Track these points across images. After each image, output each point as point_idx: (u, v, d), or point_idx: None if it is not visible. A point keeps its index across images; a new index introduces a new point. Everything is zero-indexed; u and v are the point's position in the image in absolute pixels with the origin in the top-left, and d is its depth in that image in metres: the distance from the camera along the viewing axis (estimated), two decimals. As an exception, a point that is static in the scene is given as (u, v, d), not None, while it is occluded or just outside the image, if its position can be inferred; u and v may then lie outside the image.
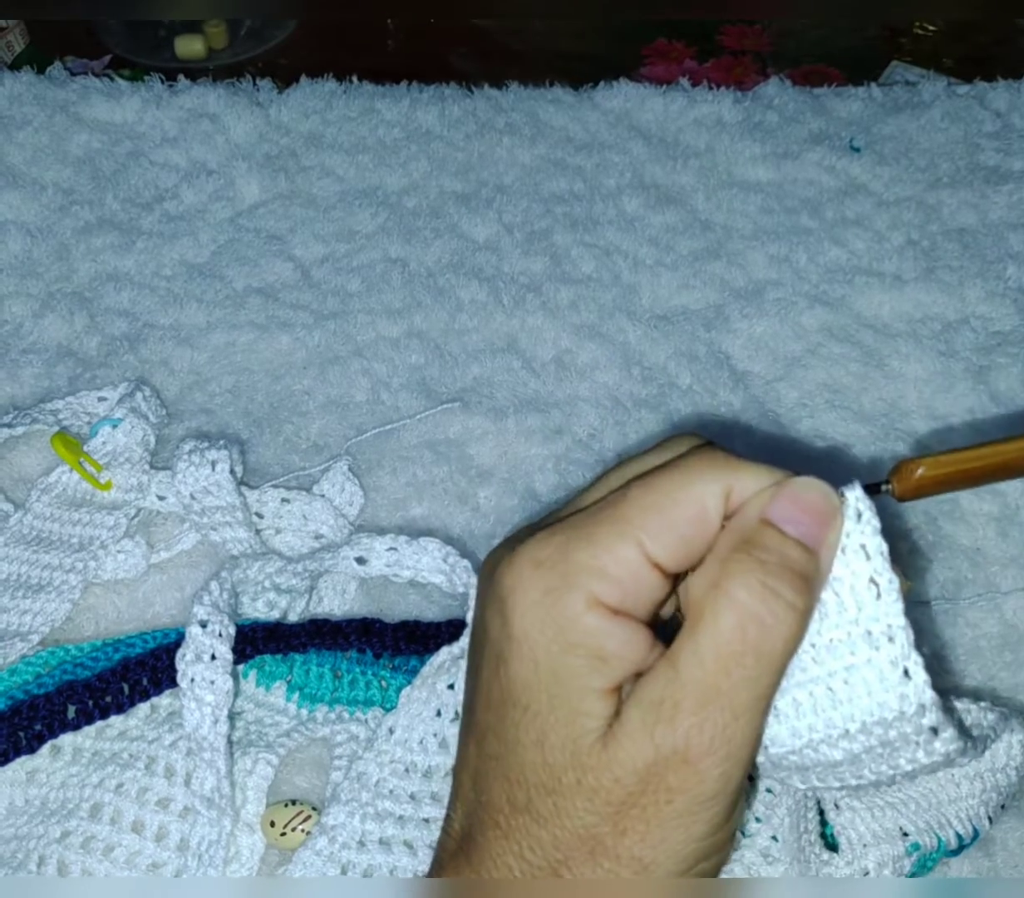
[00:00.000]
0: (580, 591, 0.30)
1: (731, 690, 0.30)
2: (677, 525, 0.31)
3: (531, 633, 0.31)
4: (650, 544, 0.31)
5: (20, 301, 0.66)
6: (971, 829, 0.42)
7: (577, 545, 0.31)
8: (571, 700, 0.31)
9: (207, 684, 0.45)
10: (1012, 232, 0.69)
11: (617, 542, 0.31)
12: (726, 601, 0.30)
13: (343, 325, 0.65)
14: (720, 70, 0.82)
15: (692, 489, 0.31)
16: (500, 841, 0.32)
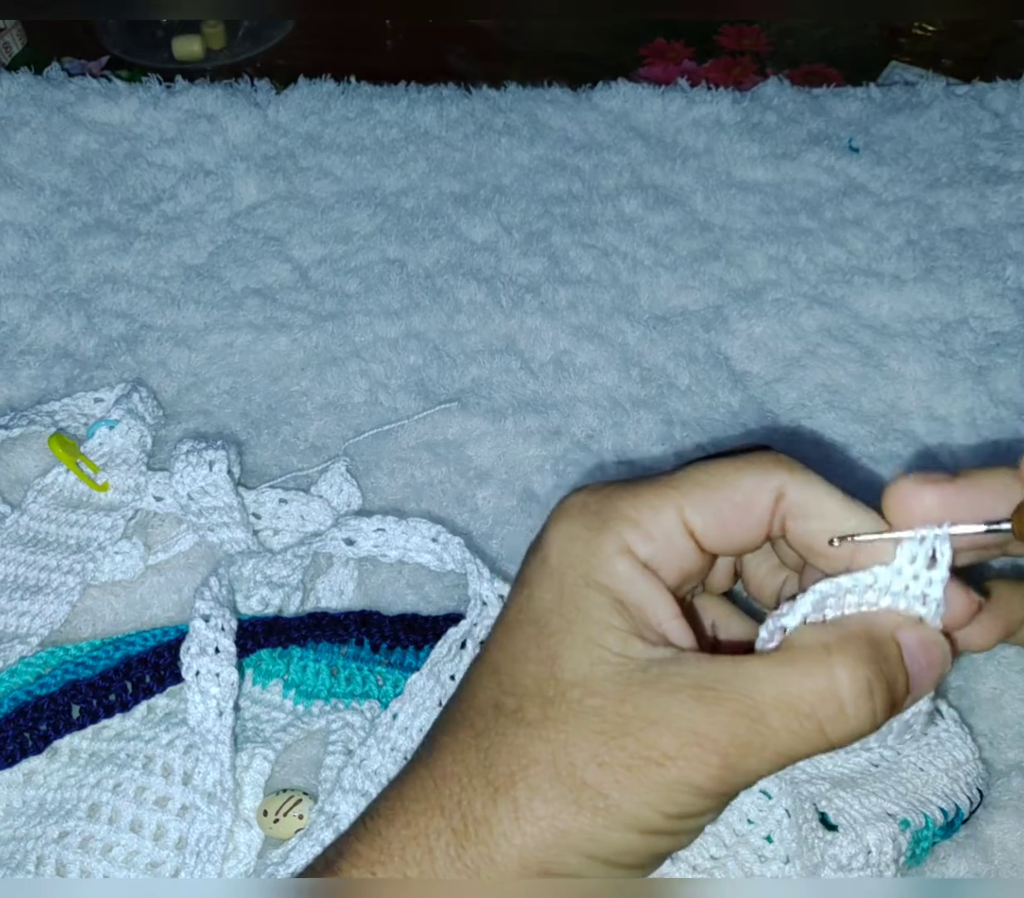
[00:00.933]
0: (614, 535, 0.32)
1: (776, 731, 0.30)
2: (720, 505, 0.33)
3: (562, 563, 0.32)
4: (690, 512, 0.33)
5: (17, 302, 0.65)
6: (952, 805, 0.44)
7: (622, 496, 0.33)
8: (591, 630, 0.32)
9: (212, 677, 0.45)
10: (1011, 232, 0.69)
11: (658, 501, 0.33)
12: (826, 669, 0.31)
13: (341, 326, 0.65)
14: (719, 70, 0.82)
15: (743, 476, 0.33)
16: (468, 739, 0.32)
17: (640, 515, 0.33)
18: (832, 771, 0.43)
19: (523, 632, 0.33)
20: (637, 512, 0.33)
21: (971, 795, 0.45)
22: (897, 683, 0.32)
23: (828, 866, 0.42)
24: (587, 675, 0.31)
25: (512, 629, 0.33)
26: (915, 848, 0.43)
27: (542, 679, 0.32)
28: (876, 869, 0.42)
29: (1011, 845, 0.46)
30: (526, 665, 0.32)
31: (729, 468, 0.33)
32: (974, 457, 0.59)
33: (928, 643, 0.32)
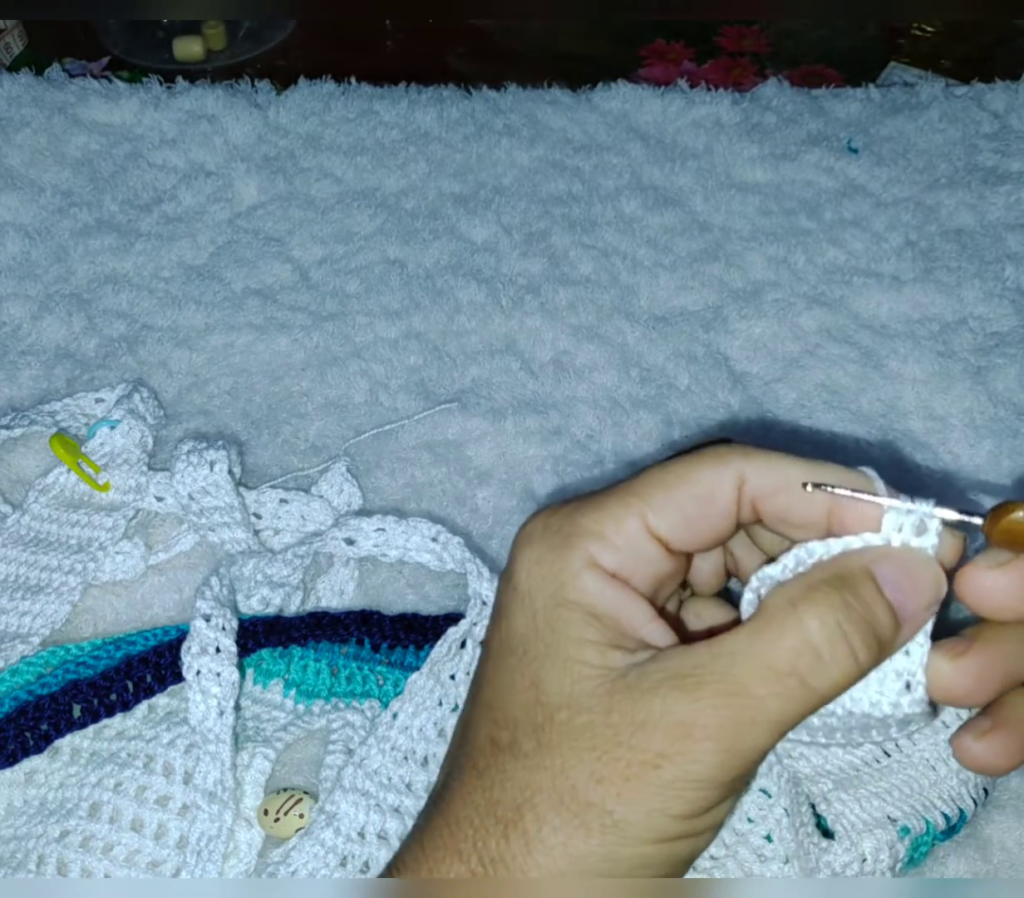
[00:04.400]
0: (579, 551, 0.32)
1: (762, 698, 0.30)
2: (682, 502, 0.32)
3: (532, 587, 0.32)
4: (652, 516, 0.32)
5: (18, 303, 0.66)
6: (956, 810, 0.43)
7: (584, 511, 0.33)
8: (568, 648, 0.31)
9: (213, 676, 0.45)
10: (1010, 233, 0.69)
11: (620, 510, 0.32)
12: (795, 623, 0.30)
13: (341, 326, 0.65)
14: (718, 71, 0.82)
15: (700, 470, 0.33)
16: (473, 781, 0.32)
17: (602, 527, 0.32)
18: (841, 760, 0.43)
19: (506, 663, 0.32)
20: (599, 525, 0.32)
21: (977, 796, 0.44)
22: (876, 618, 0.31)
23: (823, 872, 0.42)
24: (570, 694, 0.31)
25: (496, 662, 0.33)
26: (913, 853, 0.43)
27: (529, 707, 0.31)
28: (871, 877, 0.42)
29: (1010, 844, 0.46)
30: (513, 696, 0.32)
31: (685, 464, 0.33)
32: (973, 457, 0.59)
33: (911, 568, 0.32)
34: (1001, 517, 0.32)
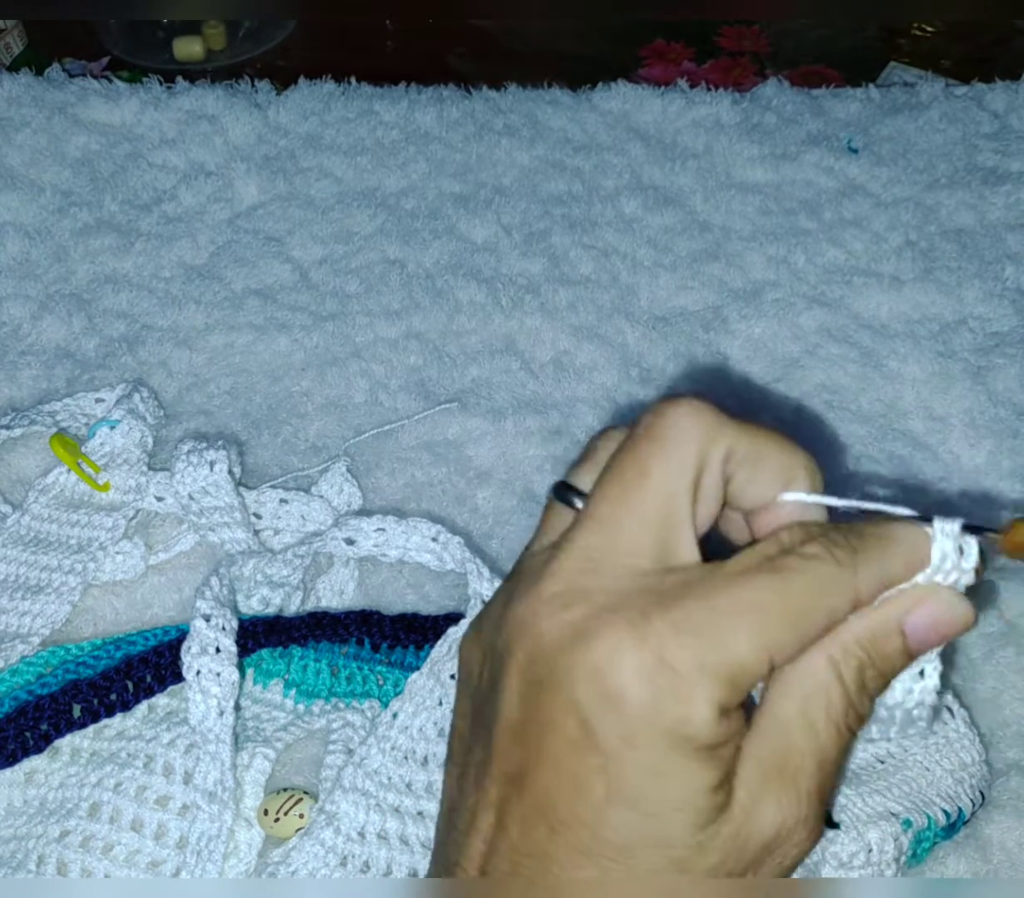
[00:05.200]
0: (711, 697, 0.29)
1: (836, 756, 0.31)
2: (808, 638, 0.31)
3: (654, 734, 0.29)
4: (780, 657, 0.30)
5: (18, 303, 0.66)
6: (955, 807, 0.44)
7: (712, 650, 0.29)
8: (695, 801, 0.30)
9: (213, 676, 0.45)
10: (1010, 233, 0.69)
11: (752, 656, 0.30)
12: (836, 680, 0.31)
13: (341, 326, 0.65)
14: (718, 71, 0.82)
15: (825, 603, 0.31)
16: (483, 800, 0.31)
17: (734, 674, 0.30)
18: None
19: (620, 817, 0.30)
20: (730, 671, 0.30)
21: (973, 797, 0.45)
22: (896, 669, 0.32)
23: (829, 863, 0.42)
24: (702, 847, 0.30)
25: (604, 812, 0.30)
26: (916, 848, 0.43)
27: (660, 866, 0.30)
28: (876, 868, 0.42)
29: (1010, 844, 0.46)
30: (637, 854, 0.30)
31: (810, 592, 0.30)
32: (973, 457, 0.59)
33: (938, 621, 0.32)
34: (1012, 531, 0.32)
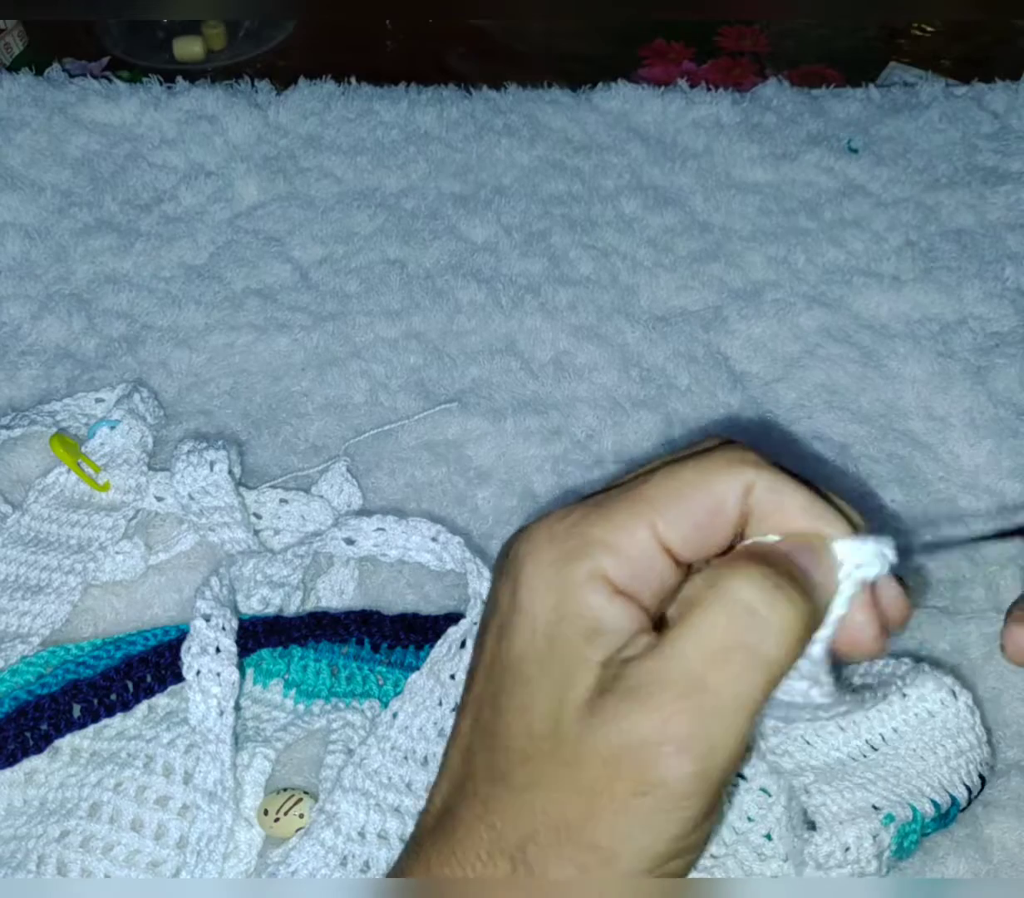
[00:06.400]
0: (587, 562, 0.30)
1: (717, 686, 0.29)
2: (694, 512, 0.31)
3: (535, 601, 0.31)
4: (664, 527, 0.30)
5: (18, 303, 0.66)
6: (947, 797, 0.43)
7: (592, 520, 0.31)
8: (561, 668, 0.30)
9: (213, 676, 0.45)
10: (1010, 233, 0.69)
11: (631, 520, 0.31)
12: (722, 592, 0.29)
13: (341, 326, 0.65)
14: (718, 71, 0.82)
15: (713, 480, 0.31)
16: (477, 810, 0.31)
17: (614, 538, 0.30)
18: (827, 756, 0.43)
19: (506, 686, 0.31)
20: (610, 535, 0.30)
21: (971, 783, 0.44)
22: (797, 573, 0.30)
23: (808, 864, 0.42)
24: (556, 721, 0.30)
25: (499, 684, 0.31)
26: (901, 841, 0.42)
27: (521, 734, 0.30)
28: (856, 866, 0.42)
29: (1010, 844, 0.46)
30: (510, 722, 0.31)
31: (696, 472, 0.31)
32: (973, 457, 0.59)
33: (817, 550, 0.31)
34: None
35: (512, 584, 0.31)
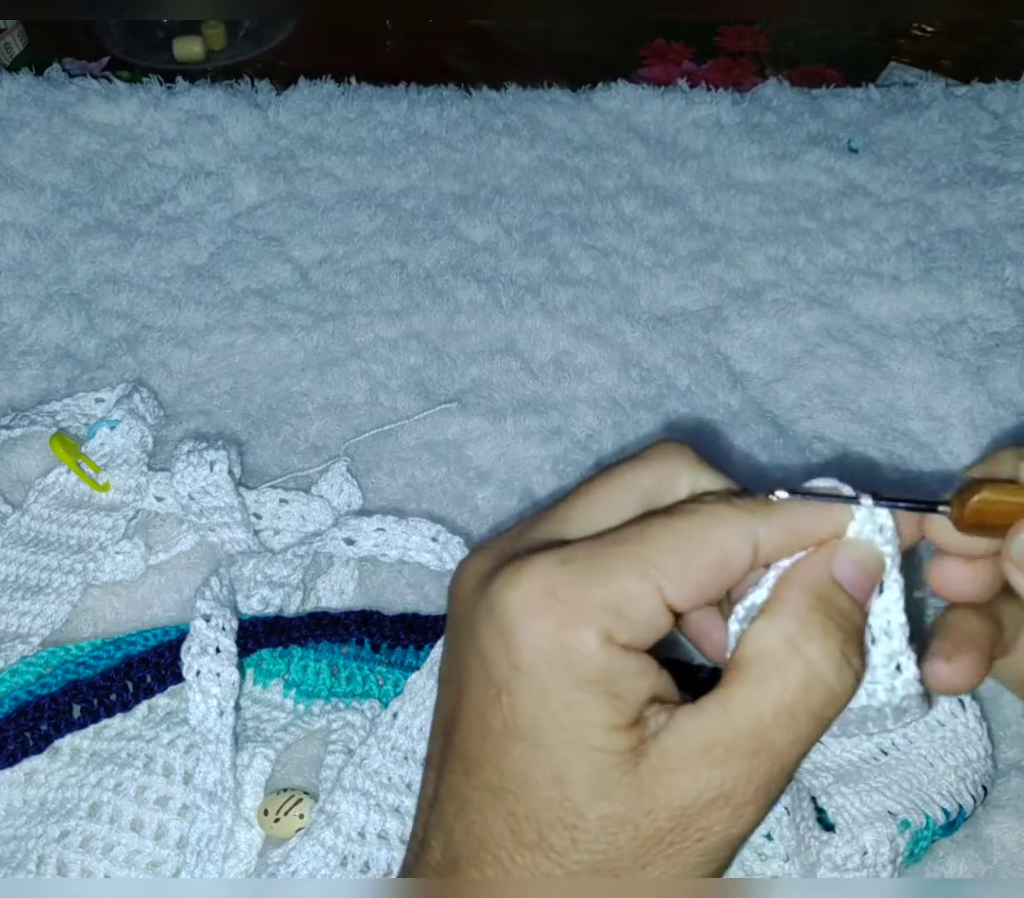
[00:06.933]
0: (596, 627, 0.30)
1: (785, 747, 0.30)
2: (696, 571, 0.31)
3: (541, 666, 0.30)
4: (668, 587, 0.30)
5: (18, 303, 0.66)
6: (955, 805, 0.43)
7: (595, 579, 0.30)
8: (588, 737, 0.30)
9: (213, 676, 0.45)
10: (1010, 233, 0.69)
11: (637, 583, 0.30)
12: (801, 659, 0.30)
13: (341, 326, 0.65)
14: (718, 71, 0.82)
15: (715, 535, 0.31)
16: (500, 875, 0.31)
17: (619, 602, 0.30)
18: (840, 758, 0.43)
19: (518, 753, 0.30)
20: (616, 599, 0.30)
21: (975, 793, 0.44)
22: (858, 626, 0.31)
23: (824, 866, 0.42)
24: (600, 786, 0.30)
25: (505, 747, 0.31)
26: (913, 847, 0.43)
27: (555, 803, 0.30)
28: (872, 870, 0.42)
29: (1010, 844, 0.46)
30: (536, 790, 0.30)
31: (697, 526, 0.31)
32: (973, 457, 0.59)
33: (858, 562, 0.32)
34: (966, 502, 0.31)
35: (506, 640, 0.30)
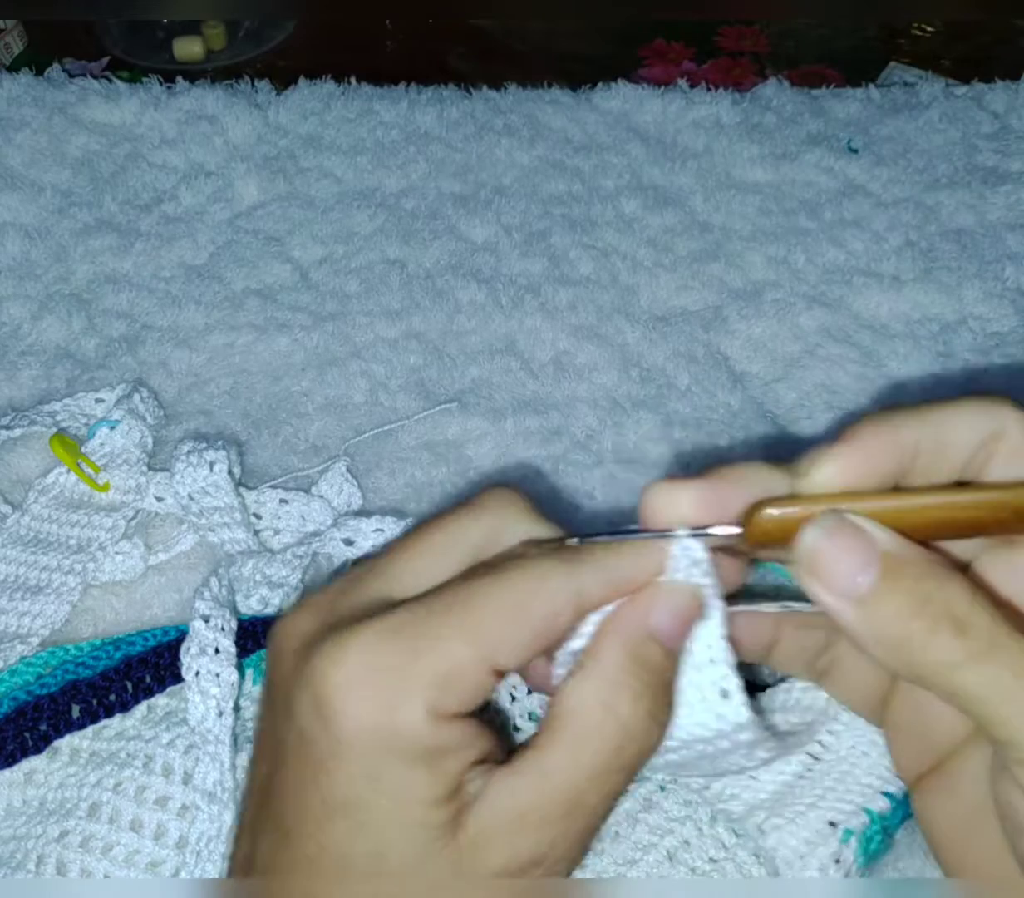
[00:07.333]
0: (420, 703, 0.29)
1: (598, 804, 0.30)
2: (525, 635, 0.30)
3: (362, 745, 0.29)
4: (497, 656, 0.30)
5: (18, 303, 0.66)
6: (900, 783, 0.41)
7: (420, 652, 0.29)
8: (409, 813, 0.29)
9: (212, 677, 0.45)
10: (1010, 233, 0.69)
11: (465, 653, 0.29)
12: (613, 722, 0.30)
13: (341, 326, 0.65)
14: (718, 71, 0.82)
15: (541, 596, 0.30)
16: None
17: (447, 673, 0.29)
18: (773, 786, 0.42)
19: (337, 827, 0.30)
20: (443, 670, 0.29)
21: None
22: (669, 678, 0.31)
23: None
24: (417, 863, 0.30)
25: (322, 823, 0.30)
26: (867, 847, 0.41)
27: (379, 876, 0.30)
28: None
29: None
30: (353, 864, 0.30)
31: (524, 588, 0.30)
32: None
33: (674, 610, 0.31)
34: (750, 522, 0.29)
35: (326, 721, 0.29)
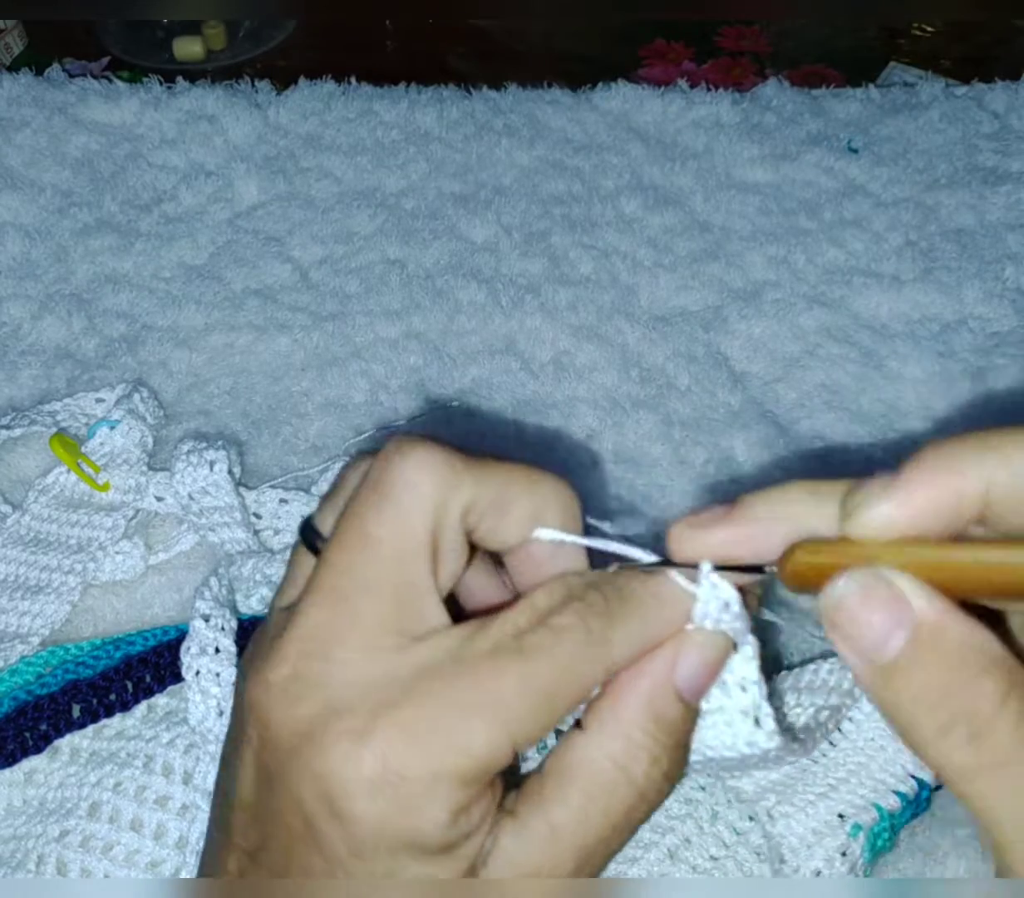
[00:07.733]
0: (444, 803, 0.29)
1: (605, 858, 0.31)
2: (555, 720, 0.30)
3: (384, 841, 0.29)
4: (526, 743, 0.29)
5: (18, 303, 0.66)
6: (913, 784, 0.42)
7: (443, 751, 0.29)
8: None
9: (212, 676, 0.45)
10: (1010, 233, 0.69)
11: (491, 749, 0.29)
12: (627, 783, 0.30)
13: (341, 326, 0.65)
14: (718, 71, 0.82)
15: (574, 686, 0.30)
16: None
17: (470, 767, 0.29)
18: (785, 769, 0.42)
19: None
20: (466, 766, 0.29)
21: None
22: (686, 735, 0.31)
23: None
24: None
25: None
26: (875, 842, 0.42)
27: None
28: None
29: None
30: None
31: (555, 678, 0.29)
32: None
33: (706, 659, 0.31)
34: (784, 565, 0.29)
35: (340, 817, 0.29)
